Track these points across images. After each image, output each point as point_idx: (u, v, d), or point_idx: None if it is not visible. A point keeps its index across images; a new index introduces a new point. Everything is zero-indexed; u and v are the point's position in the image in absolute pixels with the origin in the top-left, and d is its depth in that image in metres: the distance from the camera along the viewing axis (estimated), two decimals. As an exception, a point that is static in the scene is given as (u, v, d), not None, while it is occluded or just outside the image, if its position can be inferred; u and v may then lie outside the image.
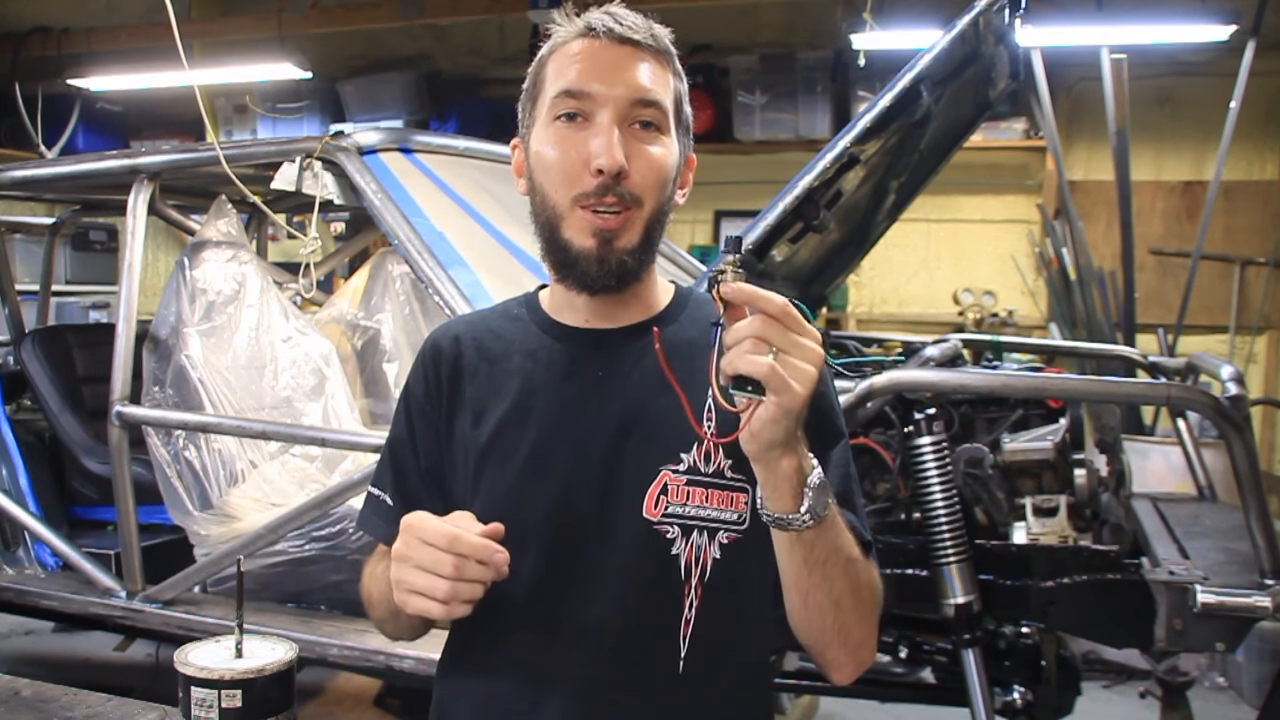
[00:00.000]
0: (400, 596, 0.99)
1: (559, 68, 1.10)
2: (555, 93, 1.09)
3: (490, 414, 1.14)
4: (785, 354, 0.90)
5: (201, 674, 1.06)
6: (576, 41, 1.10)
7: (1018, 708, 2.36)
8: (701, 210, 5.65)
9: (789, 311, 0.91)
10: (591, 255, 1.08)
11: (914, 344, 2.87)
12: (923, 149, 2.52)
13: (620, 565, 1.08)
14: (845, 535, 1.03)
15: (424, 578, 0.97)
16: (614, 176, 1.05)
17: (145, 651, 3.61)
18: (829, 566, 1.01)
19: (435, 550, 0.96)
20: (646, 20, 1.12)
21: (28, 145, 5.76)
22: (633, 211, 1.08)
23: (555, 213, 1.09)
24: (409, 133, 2.83)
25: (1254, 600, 1.90)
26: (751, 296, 0.91)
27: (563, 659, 1.07)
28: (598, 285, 1.10)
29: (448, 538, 0.96)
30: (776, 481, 0.96)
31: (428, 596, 0.97)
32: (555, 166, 1.08)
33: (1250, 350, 4.94)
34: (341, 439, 2.56)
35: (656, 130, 1.10)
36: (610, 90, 1.07)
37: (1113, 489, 2.42)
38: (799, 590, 1.03)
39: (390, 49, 5.94)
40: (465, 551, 0.96)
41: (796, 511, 0.96)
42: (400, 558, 0.99)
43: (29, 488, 3.04)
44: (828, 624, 1.05)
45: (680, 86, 1.15)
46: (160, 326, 2.74)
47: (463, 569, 0.96)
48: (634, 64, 1.09)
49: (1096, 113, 4.65)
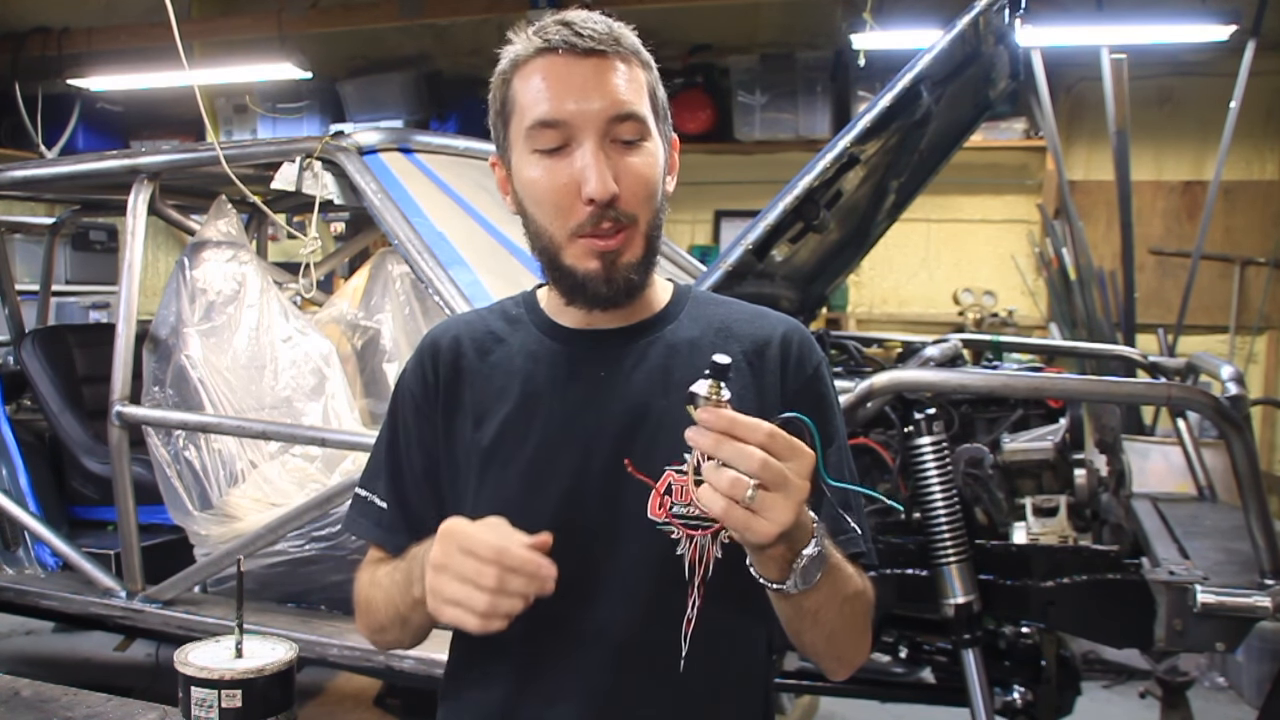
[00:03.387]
0: (434, 605, 0.96)
1: (529, 97, 1.06)
2: (530, 123, 1.06)
3: (492, 416, 1.13)
4: (764, 489, 0.87)
5: (201, 674, 1.06)
6: (539, 60, 1.06)
7: (1018, 708, 2.36)
8: (701, 210, 5.65)
9: (772, 444, 0.88)
10: (599, 277, 1.06)
11: (914, 344, 2.87)
12: (923, 149, 2.51)
13: (625, 566, 1.08)
14: (838, 579, 1.01)
15: (463, 589, 0.93)
16: (606, 205, 1.04)
17: (145, 651, 3.61)
18: (821, 614, 1.01)
19: (478, 561, 0.93)
20: (606, 20, 1.08)
21: (28, 145, 5.76)
22: (630, 229, 1.07)
23: (554, 244, 1.08)
24: (409, 133, 2.83)
25: (1254, 600, 1.90)
26: (730, 426, 0.88)
27: (566, 659, 1.06)
28: (609, 304, 1.09)
29: (494, 549, 0.93)
30: (762, 559, 0.95)
31: (465, 607, 0.93)
32: (546, 200, 1.06)
33: (1250, 350, 4.94)
34: (341, 439, 2.56)
35: (639, 140, 1.07)
36: (586, 108, 1.04)
37: (1113, 489, 2.42)
38: (790, 630, 1.05)
39: (390, 49, 5.93)
40: (513, 564, 0.92)
41: (782, 582, 0.95)
42: (438, 566, 0.95)
43: (29, 488, 3.04)
44: (820, 651, 1.09)
45: (650, 77, 1.11)
46: (160, 326, 2.74)
47: (505, 583, 0.92)
48: (604, 77, 1.05)
49: (1096, 113, 4.66)
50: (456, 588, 0.94)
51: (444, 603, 0.95)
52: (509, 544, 0.93)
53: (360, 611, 1.20)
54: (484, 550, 0.93)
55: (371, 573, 1.19)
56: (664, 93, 1.14)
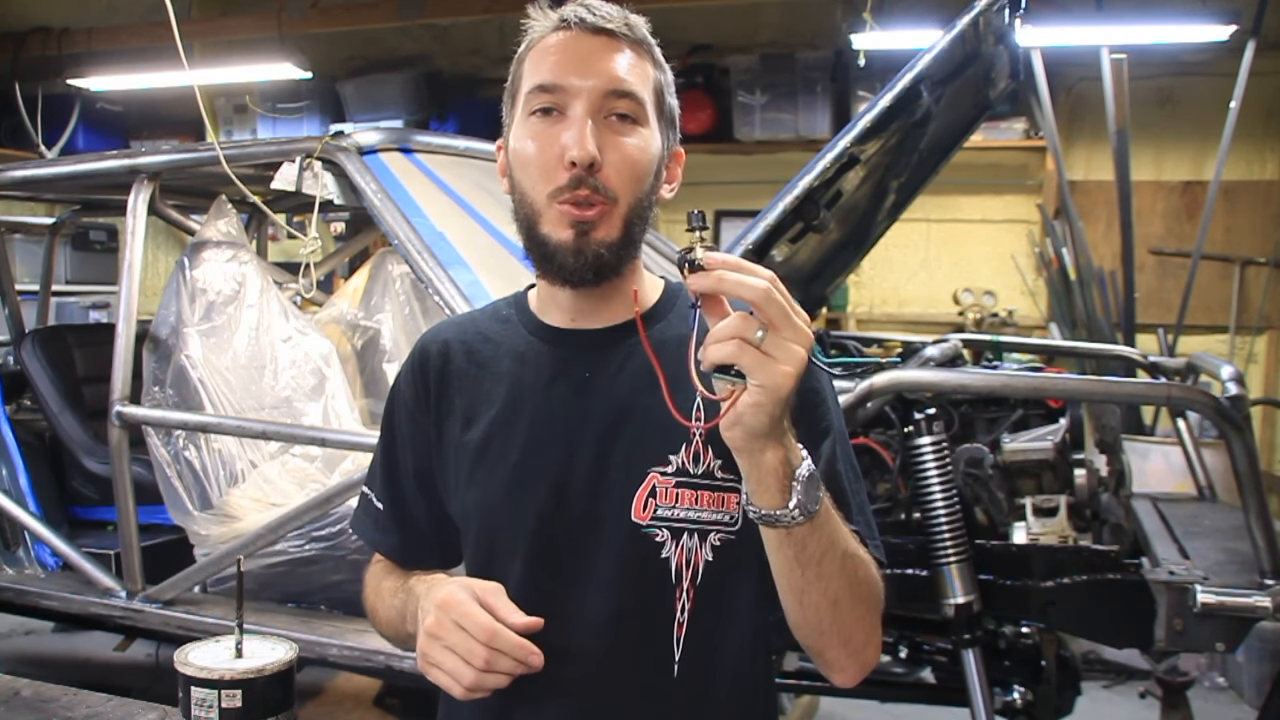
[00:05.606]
0: (423, 665, 1.00)
1: (534, 63, 1.09)
2: (530, 88, 1.08)
3: (480, 418, 1.14)
4: (773, 331, 0.85)
5: (201, 674, 1.05)
6: (552, 36, 1.08)
7: (1018, 708, 2.36)
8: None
9: (775, 286, 0.86)
10: (568, 247, 1.05)
11: (914, 344, 2.87)
12: (923, 149, 2.51)
13: (610, 569, 1.07)
14: (840, 529, 0.99)
15: (452, 660, 0.97)
16: (586, 168, 1.03)
17: (145, 651, 3.61)
18: (824, 564, 0.97)
19: (470, 640, 0.96)
20: (622, 10, 1.10)
21: (28, 145, 5.76)
22: (609, 206, 1.06)
23: (533, 209, 1.08)
24: (409, 133, 2.83)
25: (1254, 600, 1.90)
26: (735, 267, 0.87)
27: (556, 664, 1.06)
28: (575, 278, 1.07)
29: (487, 632, 0.96)
30: (761, 475, 0.92)
31: (453, 678, 0.97)
32: (532, 163, 1.07)
33: (1250, 350, 4.94)
34: (341, 439, 2.56)
35: (633, 122, 1.07)
36: (584, 82, 1.05)
37: (1113, 489, 2.42)
38: (793, 589, 0.99)
39: (390, 49, 5.93)
40: (503, 649, 0.96)
41: (785, 507, 0.92)
42: (432, 634, 0.98)
43: (29, 488, 3.04)
44: (825, 624, 1.02)
45: (661, 77, 1.12)
46: (160, 326, 2.74)
47: (494, 663, 0.96)
48: (609, 54, 1.07)
49: (1096, 113, 4.66)
50: (447, 658, 0.97)
51: (433, 667, 0.99)
52: (501, 629, 0.96)
53: (368, 613, 1.26)
54: (477, 631, 0.96)
55: (377, 580, 1.24)
56: (675, 101, 1.15)
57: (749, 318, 0.86)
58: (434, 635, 0.98)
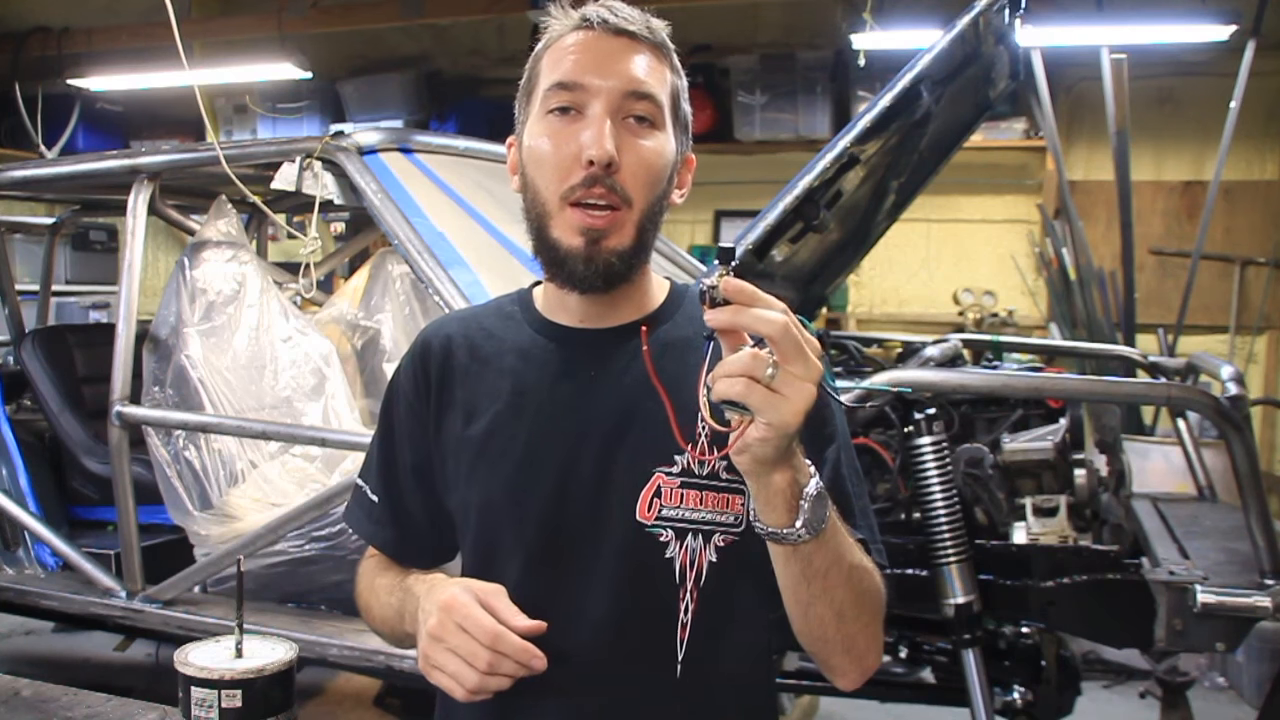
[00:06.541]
0: (425, 668, 0.99)
1: (553, 61, 1.08)
2: (548, 85, 1.07)
3: (482, 414, 1.13)
4: (785, 365, 0.85)
5: (201, 674, 1.05)
6: (571, 35, 1.09)
7: (1018, 708, 2.36)
8: (701, 210, 5.65)
9: (791, 320, 0.86)
10: (579, 254, 1.05)
11: (914, 344, 2.87)
12: (923, 149, 2.51)
13: (613, 569, 1.07)
14: (846, 542, 0.99)
15: (455, 663, 0.97)
16: (604, 168, 1.03)
17: (145, 651, 3.61)
18: (829, 577, 0.97)
19: (473, 642, 0.96)
20: (644, 14, 1.10)
21: (28, 145, 5.76)
22: (622, 212, 1.05)
23: (544, 210, 1.07)
24: (409, 133, 2.83)
25: (1254, 600, 1.90)
26: (751, 298, 0.86)
27: (558, 663, 1.06)
28: (585, 285, 1.07)
29: (490, 634, 0.96)
30: (769, 495, 0.92)
31: (455, 680, 0.97)
32: (547, 161, 1.06)
33: (1250, 350, 4.94)
34: (341, 439, 2.56)
35: (650, 125, 1.08)
36: (604, 82, 1.05)
37: (1113, 489, 2.42)
38: (799, 602, 1.00)
39: (390, 49, 5.94)
40: (506, 652, 0.96)
41: (791, 525, 0.92)
42: (434, 636, 0.98)
43: (29, 488, 3.04)
44: (830, 634, 1.02)
45: (678, 82, 1.13)
46: (160, 326, 2.74)
47: (497, 666, 0.96)
48: (629, 56, 1.07)
49: (1096, 113, 4.65)
50: (450, 660, 0.97)
51: (435, 669, 0.99)
52: (504, 632, 0.96)
53: (361, 608, 1.24)
54: (480, 634, 0.96)
55: (371, 576, 1.22)
56: (689, 108, 1.15)
57: (760, 355, 0.86)
58: (436, 637, 0.98)
